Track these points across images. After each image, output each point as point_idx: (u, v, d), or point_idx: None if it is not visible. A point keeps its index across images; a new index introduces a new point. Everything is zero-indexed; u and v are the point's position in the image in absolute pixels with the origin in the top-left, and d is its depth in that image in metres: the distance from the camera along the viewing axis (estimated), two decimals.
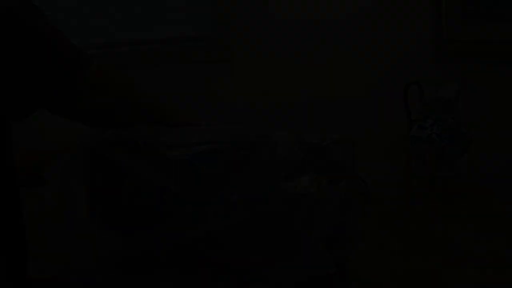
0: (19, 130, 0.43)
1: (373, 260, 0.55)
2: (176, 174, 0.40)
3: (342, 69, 1.20)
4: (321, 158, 0.49)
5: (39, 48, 0.39)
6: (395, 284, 0.48)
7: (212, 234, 0.40)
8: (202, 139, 0.43)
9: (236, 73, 1.22)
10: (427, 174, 0.91)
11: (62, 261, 0.43)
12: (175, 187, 0.40)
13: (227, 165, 0.42)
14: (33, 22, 0.40)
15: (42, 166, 0.47)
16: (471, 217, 0.80)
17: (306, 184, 0.44)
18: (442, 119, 0.92)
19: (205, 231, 0.40)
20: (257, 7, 1.21)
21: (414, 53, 1.19)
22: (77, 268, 0.42)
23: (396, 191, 0.96)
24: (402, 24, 1.19)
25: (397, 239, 0.67)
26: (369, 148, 1.16)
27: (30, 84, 0.40)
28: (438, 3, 1.15)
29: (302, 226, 0.43)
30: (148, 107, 0.50)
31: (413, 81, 0.97)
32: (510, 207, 0.90)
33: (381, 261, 0.55)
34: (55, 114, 0.45)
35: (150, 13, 1.27)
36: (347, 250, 0.48)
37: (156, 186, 0.40)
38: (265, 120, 1.18)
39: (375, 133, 1.18)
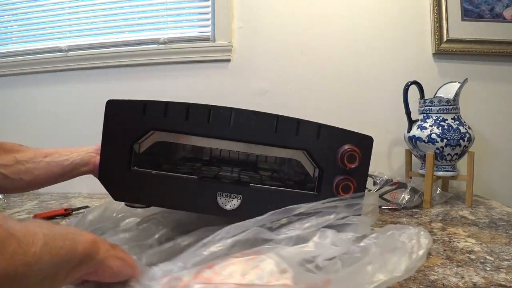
0: None
1: None
2: None
3: (342, 69, 1.20)
4: None
5: None
6: (396, 283, 0.48)
7: None
8: None
9: (236, 73, 1.22)
10: (427, 174, 0.91)
11: None
12: None
13: None
14: None
15: None
16: (471, 217, 0.80)
17: None
18: (442, 119, 0.92)
19: None
20: (257, 7, 1.22)
21: (414, 53, 1.19)
22: None
23: None
24: (403, 24, 1.19)
25: None
26: None
27: None
28: (438, 3, 1.15)
29: None
30: None
31: (413, 81, 0.97)
32: (510, 206, 0.90)
33: None
34: None
35: (150, 14, 1.28)
36: None
37: None
38: None
39: (375, 133, 1.18)
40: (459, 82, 0.93)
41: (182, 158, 0.77)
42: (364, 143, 0.60)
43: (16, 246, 0.27)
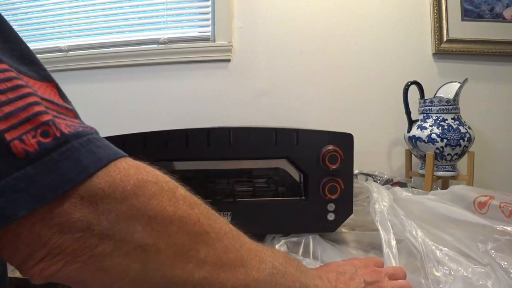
0: None
1: None
2: None
3: (342, 69, 1.20)
4: None
5: None
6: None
7: None
8: None
9: (236, 73, 1.22)
10: (427, 174, 0.91)
11: None
12: None
13: None
14: None
15: None
16: None
17: None
18: (442, 119, 0.92)
19: None
20: (257, 7, 1.22)
21: (414, 53, 1.19)
22: None
23: None
24: (403, 24, 1.19)
25: None
26: (369, 148, 1.16)
27: None
28: (438, 3, 1.15)
29: None
30: None
31: (413, 81, 0.97)
32: None
33: None
34: None
35: (150, 14, 1.27)
36: None
37: None
38: (265, 120, 1.18)
39: (375, 133, 1.18)
40: (459, 82, 0.93)
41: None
42: (344, 141, 0.59)
43: (239, 265, 0.27)
